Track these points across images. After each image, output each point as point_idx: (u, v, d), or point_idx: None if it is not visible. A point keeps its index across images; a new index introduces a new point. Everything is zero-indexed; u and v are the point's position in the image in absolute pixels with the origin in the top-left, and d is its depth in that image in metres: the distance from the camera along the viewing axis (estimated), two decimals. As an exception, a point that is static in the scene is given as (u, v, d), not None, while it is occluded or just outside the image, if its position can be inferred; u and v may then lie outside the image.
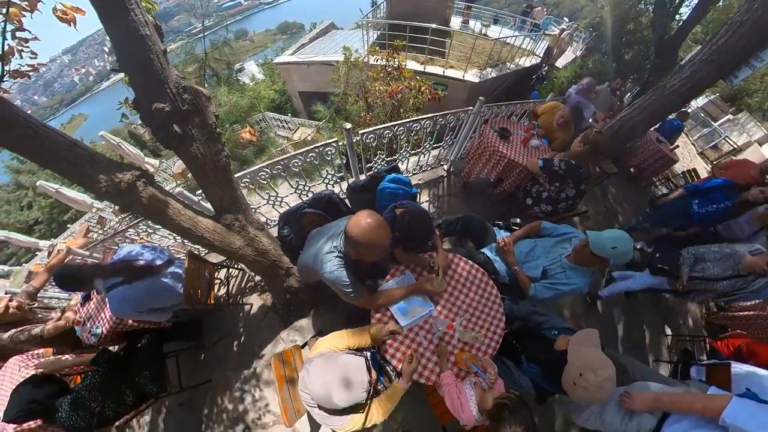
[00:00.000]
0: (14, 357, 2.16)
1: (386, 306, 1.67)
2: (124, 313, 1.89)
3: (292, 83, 9.78)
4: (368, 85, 5.18)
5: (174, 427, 2.49)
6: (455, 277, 1.83)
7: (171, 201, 1.44)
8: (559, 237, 1.99)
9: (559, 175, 2.37)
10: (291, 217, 1.97)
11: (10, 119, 1.00)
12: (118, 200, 1.27)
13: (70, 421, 1.60)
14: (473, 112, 2.85)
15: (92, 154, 1.21)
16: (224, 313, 2.71)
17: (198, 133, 1.40)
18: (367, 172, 2.91)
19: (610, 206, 4.23)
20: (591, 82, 4.07)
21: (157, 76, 1.19)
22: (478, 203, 3.20)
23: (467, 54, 7.09)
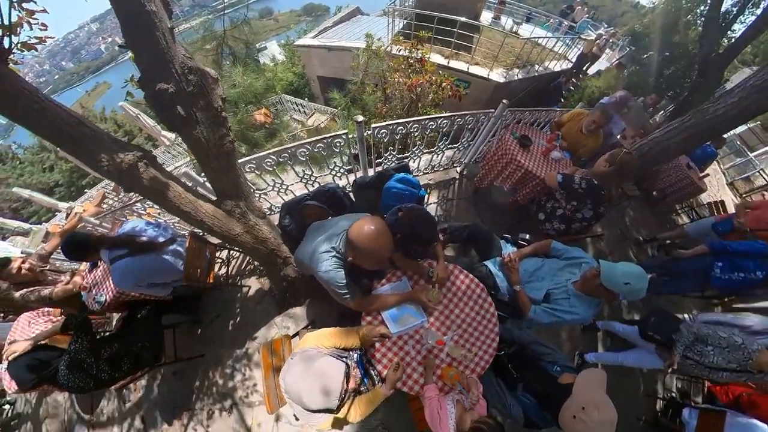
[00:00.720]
0: (25, 313, 2.31)
1: (378, 310, 1.65)
2: (125, 285, 1.95)
3: (312, 67, 9.60)
4: (388, 75, 5.01)
5: (167, 393, 2.60)
6: (452, 289, 1.78)
7: (172, 183, 1.45)
8: (568, 261, 1.89)
9: (578, 194, 2.22)
10: (293, 207, 1.96)
11: (15, 93, 1.01)
12: (119, 180, 1.29)
13: (69, 381, 1.69)
14: (494, 115, 2.71)
15: (96, 132, 1.21)
16: (223, 292, 2.78)
17: (202, 117, 1.38)
18: (376, 167, 2.87)
19: (626, 230, 3.99)
20: (626, 95, 3.82)
21: (163, 55, 1.16)
22: (488, 211, 3.11)
23: (495, 52, 6.73)
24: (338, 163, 2.62)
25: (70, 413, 2.91)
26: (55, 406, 3.00)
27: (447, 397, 1.45)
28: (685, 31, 7.69)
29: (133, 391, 2.71)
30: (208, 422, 2.42)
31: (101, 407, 2.78)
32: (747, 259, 2.38)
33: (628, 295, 1.54)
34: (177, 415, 2.50)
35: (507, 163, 2.67)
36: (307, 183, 2.61)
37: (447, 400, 1.41)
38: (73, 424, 2.84)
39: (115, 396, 2.76)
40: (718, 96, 2.83)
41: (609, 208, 2.42)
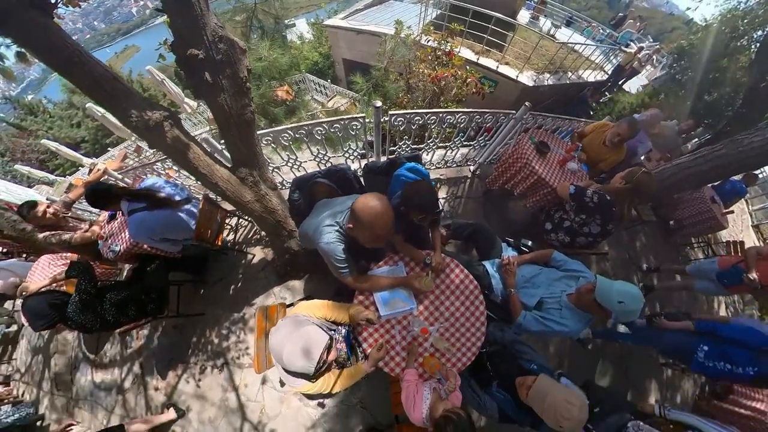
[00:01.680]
0: (45, 255, 2.51)
1: (370, 290, 1.70)
2: (140, 237, 2.07)
3: (338, 49, 9.46)
4: (413, 65, 4.93)
5: (166, 344, 2.78)
6: (446, 282, 1.80)
7: (193, 145, 1.53)
8: (566, 272, 1.88)
9: (589, 208, 2.17)
10: (303, 183, 2.01)
11: (60, 45, 1.09)
12: (145, 135, 1.37)
13: (78, 318, 1.84)
14: (515, 117, 2.66)
15: (129, 89, 1.29)
16: (228, 256, 2.91)
17: (228, 85, 1.43)
18: (389, 155, 2.90)
19: (634, 255, 3.84)
20: (656, 114, 3.65)
21: (196, 21, 1.21)
22: (496, 214, 3.09)
23: (527, 53, 6.48)
24: (353, 147, 2.66)
25: (77, 351, 3.13)
26: (64, 344, 3.24)
27: (425, 383, 1.51)
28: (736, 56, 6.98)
29: (136, 338, 2.90)
30: (199, 376, 2.59)
31: (105, 350, 2.99)
32: (740, 348, 2.01)
33: (620, 315, 1.53)
34: (172, 366, 2.67)
35: (521, 168, 2.63)
36: (320, 162, 2.67)
37: (424, 387, 1.48)
38: (79, 362, 3.07)
39: (118, 341, 2.96)
40: (755, 129, 2.64)
41: (619, 227, 2.36)
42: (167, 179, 2.32)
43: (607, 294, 1.52)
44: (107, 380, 2.87)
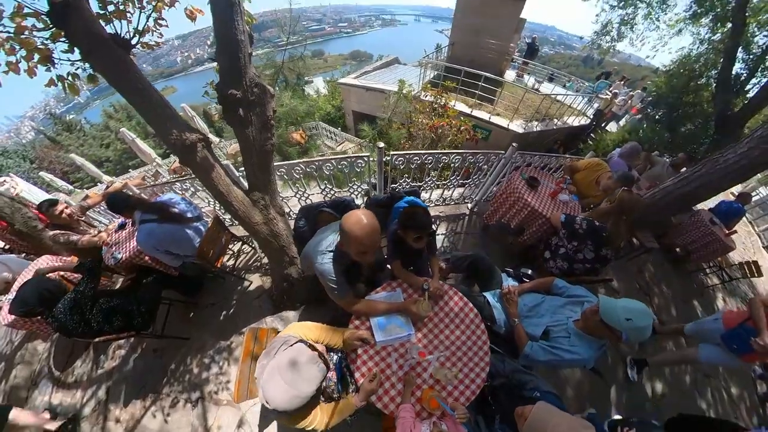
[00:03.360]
0: (46, 255, 2.55)
1: (366, 315, 1.68)
2: (145, 245, 2.16)
3: (349, 102, 10.68)
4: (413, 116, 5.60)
5: (141, 368, 2.62)
6: (445, 309, 1.77)
7: (217, 166, 1.72)
8: (570, 298, 1.84)
9: (579, 234, 2.26)
10: (310, 211, 2.14)
11: (131, 75, 1.36)
12: (180, 153, 1.56)
13: (65, 318, 1.82)
14: (504, 156, 2.91)
15: (175, 114, 1.53)
16: (225, 281, 2.92)
17: (256, 120, 1.69)
18: (391, 191, 3.12)
19: (645, 286, 3.72)
20: (634, 146, 3.86)
21: (239, 70, 1.50)
22: (495, 248, 3.17)
23: (515, 105, 7.41)
24: (357, 183, 2.87)
25: (42, 365, 2.90)
26: (32, 354, 3.01)
27: (423, 422, 1.37)
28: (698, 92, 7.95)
29: (110, 357, 2.74)
30: (169, 410, 2.38)
31: (74, 367, 2.79)
32: None
33: (631, 334, 1.43)
34: (142, 395, 2.48)
35: (515, 202, 2.80)
36: (326, 196, 2.86)
37: (422, 425, 1.35)
38: (42, 377, 2.82)
39: (91, 359, 2.78)
40: (728, 147, 2.83)
41: (615, 250, 2.34)
42: (183, 197, 2.48)
43: (612, 312, 1.45)
44: (66, 403, 2.61)
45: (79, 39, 1.23)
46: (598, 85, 10.35)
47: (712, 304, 4.02)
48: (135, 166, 14.07)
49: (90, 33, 1.23)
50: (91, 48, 1.25)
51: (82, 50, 1.25)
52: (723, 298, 4.19)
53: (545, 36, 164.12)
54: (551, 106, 7.99)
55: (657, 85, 9.09)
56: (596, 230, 2.21)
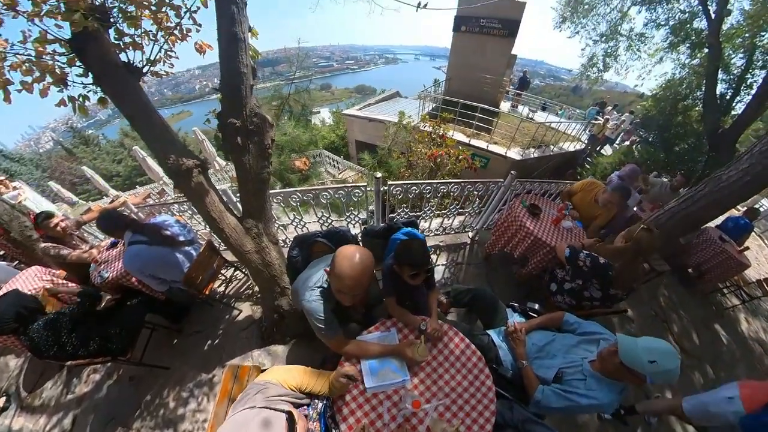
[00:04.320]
0: (35, 267, 2.51)
1: (357, 357, 1.54)
2: (131, 267, 2.08)
3: (352, 132, 11.26)
4: (413, 146, 5.76)
5: (114, 397, 2.44)
6: (445, 352, 1.62)
7: (211, 192, 1.71)
8: (583, 336, 1.68)
9: (583, 272, 2.09)
10: (304, 240, 2.08)
11: (138, 101, 1.41)
12: (175, 177, 1.56)
13: (39, 337, 1.74)
14: (503, 184, 2.89)
15: (174, 139, 1.55)
16: (213, 309, 2.80)
17: (253, 148, 1.71)
18: (388, 221, 3.07)
19: (661, 312, 3.51)
20: (634, 169, 3.83)
21: (240, 100, 1.56)
22: (498, 279, 3.04)
23: (512, 133, 7.69)
24: (355, 213, 2.84)
25: (11, 382, 2.73)
26: (2, 369, 2.84)
27: None
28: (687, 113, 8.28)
29: (83, 381, 2.57)
30: (136, 447, 2.18)
31: (43, 389, 2.61)
32: None
33: (655, 378, 1.28)
34: (110, 428, 2.28)
35: (516, 230, 2.70)
36: (323, 225, 2.82)
37: None
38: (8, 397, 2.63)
39: (62, 382, 2.60)
40: (728, 164, 2.80)
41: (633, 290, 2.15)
42: (178, 219, 2.45)
43: (632, 353, 1.30)
44: (27, 429, 2.41)
45: (94, 65, 1.29)
46: (589, 111, 11.01)
47: (735, 326, 3.75)
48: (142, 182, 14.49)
49: (105, 60, 1.29)
50: (103, 73, 1.31)
51: (95, 74, 1.31)
52: (746, 319, 3.92)
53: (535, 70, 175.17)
54: (546, 134, 8.32)
55: (646, 108, 9.59)
56: (601, 268, 2.03)
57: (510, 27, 9.80)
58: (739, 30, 6.64)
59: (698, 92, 7.81)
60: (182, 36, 1.57)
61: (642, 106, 9.95)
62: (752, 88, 6.59)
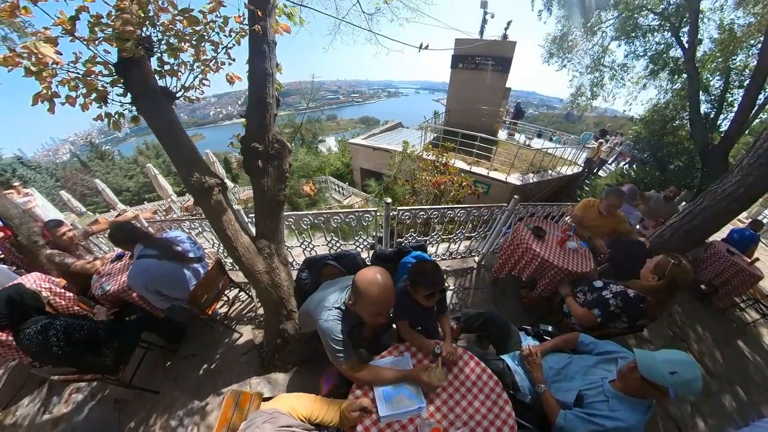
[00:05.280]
0: (36, 272, 2.45)
1: (371, 384, 1.47)
2: (136, 282, 2.05)
3: (357, 160, 11.70)
4: (417, 174, 5.96)
5: (95, 422, 2.26)
6: (461, 377, 1.56)
7: (229, 211, 1.75)
8: (601, 356, 1.65)
9: (615, 315, 2.00)
10: (314, 263, 2.09)
11: (169, 120, 1.51)
12: (196, 194, 1.61)
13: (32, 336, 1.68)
14: (507, 208, 2.96)
15: (199, 159, 1.63)
16: (213, 330, 2.71)
17: (273, 172, 1.80)
18: (397, 246, 3.09)
19: (679, 332, 3.38)
20: (632, 188, 3.87)
21: (264, 127, 1.68)
22: (507, 303, 2.99)
23: (511, 160, 8.02)
24: (363, 237, 2.86)
25: None
26: None
27: None
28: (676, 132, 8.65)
29: (64, 400, 2.40)
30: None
31: (19, 405, 2.44)
32: None
33: (680, 390, 1.24)
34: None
35: (523, 253, 2.70)
36: (331, 249, 2.84)
37: None
38: None
39: (41, 399, 2.43)
40: (721, 178, 2.88)
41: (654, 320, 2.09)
42: (189, 236, 2.46)
43: (652, 367, 1.28)
44: None
45: (135, 87, 1.40)
46: (583, 136, 11.61)
47: (758, 342, 3.56)
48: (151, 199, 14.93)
49: (145, 83, 1.41)
50: (142, 95, 1.43)
51: (134, 95, 1.42)
52: (769, 333, 3.74)
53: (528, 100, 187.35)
54: (544, 159, 8.70)
55: (637, 131, 10.07)
56: (633, 302, 1.93)
57: (503, 63, 10.78)
58: (712, 56, 7.21)
59: (684, 113, 8.28)
60: (216, 68, 1.71)
61: (633, 130, 10.51)
62: (733, 106, 6.97)
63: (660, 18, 7.21)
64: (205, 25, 1.44)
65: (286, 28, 1.79)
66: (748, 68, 6.70)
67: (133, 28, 1.21)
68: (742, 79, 6.87)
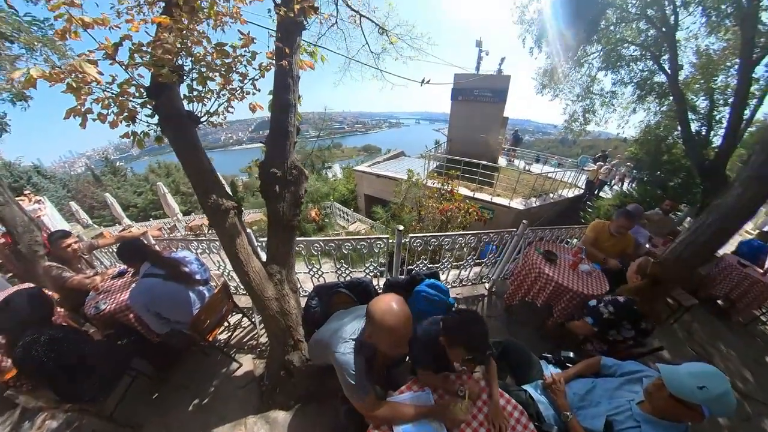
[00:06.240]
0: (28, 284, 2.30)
1: (389, 423, 1.35)
2: (137, 301, 1.95)
3: (362, 187, 12.11)
4: (423, 201, 6.05)
5: None
6: (485, 410, 1.47)
7: (243, 234, 1.73)
8: (625, 377, 1.57)
9: (611, 321, 2.02)
10: (324, 290, 2.00)
11: (192, 143, 1.55)
12: (212, 215, 1.61)
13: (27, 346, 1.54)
14: (516, 233, 2.95)
15: (217, 181, 1.65)
16: (209, 359, 2.53)
17: (289, 197, 1.82)
18: (407, 274, 3.00)
19: (702, 351, 3.23)
20: (637, 207, 3.82)
21: (283, 155, 1.74)
22: (522, 331, 2.86)
23: (513, 185, 8.28)
24: (374, 264, 2.80)
25: None
26: None
27: None
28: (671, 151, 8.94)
29: (36, 427, 2.19)
30: None
31: None
32: None
33: (712, 406, 1.15)
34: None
35: (536, 278, 2.64)
36: (340, 276, 2.77)
37: None
38: None
39: (12, 424, 2.22)
40: (723, 191, 2.89)
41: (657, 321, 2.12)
42: (197, 257, 2.39)
43: (678, 381, 1.20)
44: None
45: (163, 109, 1.46)
46: (581, 159, 12.01)
47: None
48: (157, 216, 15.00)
49: (172, 107, 1.48)
50: (169, 117, 1.48)
51: (161, 117, 1.47)
52: (797, 346, 3.51)
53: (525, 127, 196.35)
54: (545, 183, 8.97)
55: (633, 152, 10.47)
56: (625, 307, 2.00)
57: (499, 95, 11.65)
58: (694, 79, 7.65)
59: (675, 132, 8.61)
60: (241, 96, 1.78)
61: (629, 151, 10.88)
62: (722, 122, 7.22)
63: (641, 49, 7.73)
64: (234, 58, 1.52)
65: (310, 65, 1.91)
66: (730, 87, 7.10)
67: (170, 56, 1.28)
68: (726, 98, 7.26)
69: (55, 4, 1.07)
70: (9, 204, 2.66)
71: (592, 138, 54.17)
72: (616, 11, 7.38)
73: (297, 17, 1.66)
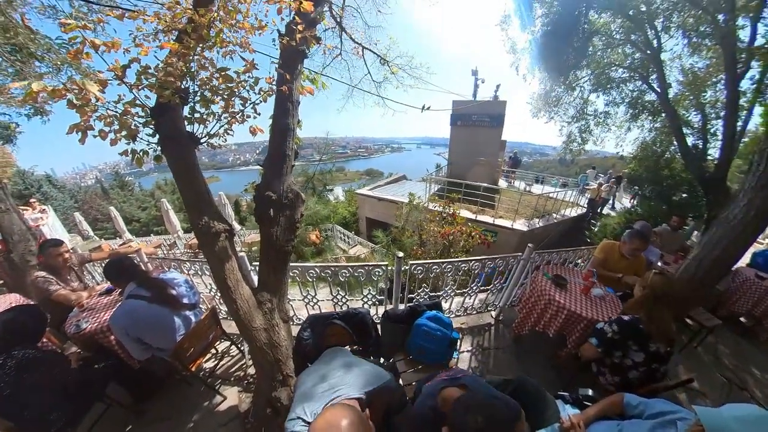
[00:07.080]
0: (14, 295, 2.29)
1: None
2: (117, 323, 1.84)
3: (363, 210, 12.16)
4: (424, 225, 5.94)
5: None
6: None
7: (233, 259, 1.65)
8: (655, 418, 1.38)
9: (616, 342, 1.88)
10: (318, 321, 1.90)
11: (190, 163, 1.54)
12: (201, 237, 1.55)
13: None
14: (522, 258, 2.81)
15: (211, 203, 1.61)
16: (191, 389, 2.37)
17: (283, 221, 1.76)
18: (407, 302, 2.87)
19: (732, 375, 2.92)
20: (645, 225, 3.64)
21: (280, 177, 1.71)
22: (533, 365, 2.65)
23: (515, 207, 8.20)
24: (372, 292, 2.68)
25: None
26: None
27: None
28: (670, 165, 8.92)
29: None
30: None
31: None
32: None
33: None
34: None
35: (546, 305, 2.44)
36: (336, 304, 2.64)
37: None
38: None
39: None
40: (728, 203, 2.81)
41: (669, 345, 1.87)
42: (186, 279, 2.30)
43: (722, 428, 1.03)
44: None
45: (164, 129, 1.46)
46: (580, 178, 12.11)
47: None
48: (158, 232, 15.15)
49: (174, 127, 1.49)
50: (170, 137, 1.48)
51: (162, 137, 1.47)
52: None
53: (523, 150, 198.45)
54: (547, 203, 8.88)
55: (633, 169, 10.47)
56: (629, 325, 1.86)
57: (497, 120, 12.19)
58: (683, 96, 7.81)
59: (672, 147, 8.69)
60: (242, 119, 1.79)
61: (629, 168, 10.94)
62: (717, 135, 7.28)
63: (629, 71, 8.05)
64: (237, 83, 1.55)
65: (310, 91, 1.95)
66: (720, 101, 7.24)
67: (175, 79, 1.30)
68: (717, 111, 7.39)
69: (70, 27, 1.10)
70: (9, 212, 2.69)
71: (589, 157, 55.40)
72: (602, 38, 7.80)
73: (299, 46, 1.70)
